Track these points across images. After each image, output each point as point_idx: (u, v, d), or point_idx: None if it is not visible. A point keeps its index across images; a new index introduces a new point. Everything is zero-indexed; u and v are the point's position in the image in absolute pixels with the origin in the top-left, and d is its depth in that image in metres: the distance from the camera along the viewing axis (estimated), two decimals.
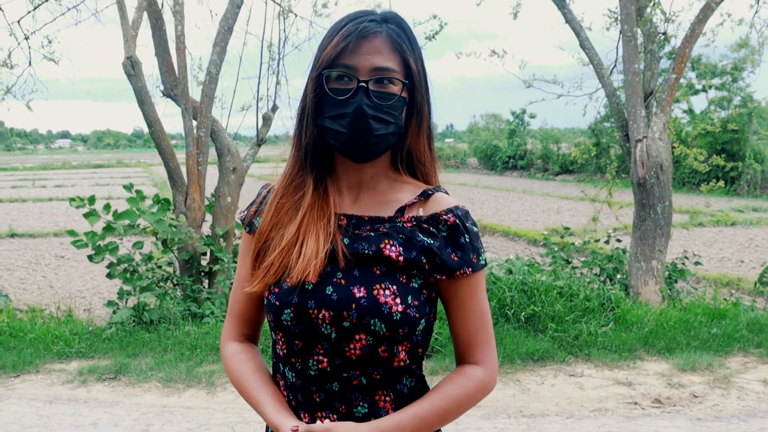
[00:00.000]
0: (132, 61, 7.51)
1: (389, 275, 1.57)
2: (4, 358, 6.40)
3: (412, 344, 1.61)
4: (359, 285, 1.56)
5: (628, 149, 8.24)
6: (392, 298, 1.55)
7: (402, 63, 1.60)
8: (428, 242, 1.58)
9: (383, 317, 1.53)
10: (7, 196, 27.15)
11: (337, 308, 1.56)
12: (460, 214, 1.62)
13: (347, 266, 1.59)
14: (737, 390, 5.71)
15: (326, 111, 1.60)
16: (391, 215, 1.64)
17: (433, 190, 1.69)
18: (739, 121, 25.46)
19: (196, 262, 7.85)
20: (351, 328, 1.55)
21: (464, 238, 1.61)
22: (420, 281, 1.59)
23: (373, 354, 1.57)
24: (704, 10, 8.09)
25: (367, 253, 1.59)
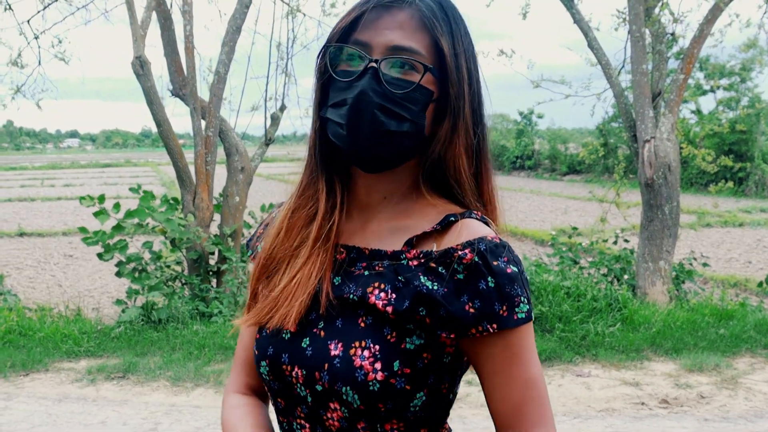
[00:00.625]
0: (141, 61, 7.54)
1: (374, 330, 1.20)
2: (14, 357, 6.44)
3: (406, 423, 1.23)
4: (337, 340, 1.21)
5: (635, 150, 8.23)
6: (370, 362, 1.17)
7: (432, 46, 1.22)
8: (428, 288, 1.17)
9: (356, 386, 1.17)
10: (16, 195, 27.25)
11: (309, 367, 1.23)
12: (484, 248, 1.17)
13: (331, 314, 1.25)
14: (744, 391, 5.70)
15: (330, 98, 1.25)
16: (396, 249, 1.25)
17: (459, 215, 1.24)
18: (747, 121, 25.39)
19: (204, 261, 7.88)
20: (324, 393, 1.21)
21: (485, 283, 1.15)
22: (421, 341, 1.19)
23: (352, 430, 1.23)
24: (713, 11, 8.08)
25: (352, 298, 1.23)
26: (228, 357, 6.44)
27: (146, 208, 7.51)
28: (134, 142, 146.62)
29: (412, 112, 1.21)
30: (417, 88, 1.20)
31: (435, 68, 1.22)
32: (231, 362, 6.23)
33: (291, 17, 8.99)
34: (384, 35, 1.20)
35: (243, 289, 7.70)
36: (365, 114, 1.18)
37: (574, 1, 8.62)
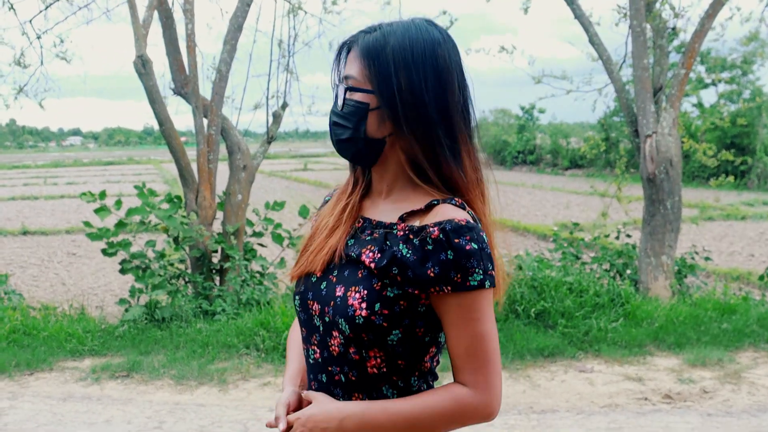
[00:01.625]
0: (143, 60, 7.55)
1: (366, 280, 1.57)
2: (18, 356, 6.46)
3: (386, 353, 1.59)
4: (342, 285, 1.60)
5: (637, 144, 8.24)
6: (359, 302, 1.55)
7: (365, 69, 1.60)
8: (402, 253, 1.53)
9: (347, 319, 1.56)
10: (20, 194, 27.32)
11: (322, 303, 1.63)
12: (449, 228, 1.50)
13: (342, 266, 1.64)
14: (748, 385, 5.72)
15: None
16: (392, 222, 1.62)
17: (440, 200, 1.59)
18: (748, 115, 25.36)
19: (207, 259, 7.90)
20: (329, 324, 1.61)
21: (447, 254, 1.49)
22: (398, 292, 1.54)
23: (346, 354, 1.61)
24: (713, 5, 8.07)
25: (353, 255, 1.61)
26: (231, 355, 6.47)
27: (147, 205, 7.53)
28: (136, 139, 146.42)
29: (351, 122, 1.62)
30: (353, 104, 1.61)
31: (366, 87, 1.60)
32: (234, 360, 6.26)
33: (292, 15, 8.99)
34: (345, 69, 1.65)
35: (246, 287, 7.71)
36: (330, 126, 1.69)
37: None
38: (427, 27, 1.62)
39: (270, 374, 6.07)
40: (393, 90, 1.57)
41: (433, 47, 1.59)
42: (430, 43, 1.59)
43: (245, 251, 8.15)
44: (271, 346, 6.53)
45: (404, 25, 1.61)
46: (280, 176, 37.16)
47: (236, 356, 6.45)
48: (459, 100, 1.61)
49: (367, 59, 1.59)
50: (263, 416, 5.20)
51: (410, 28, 1.61)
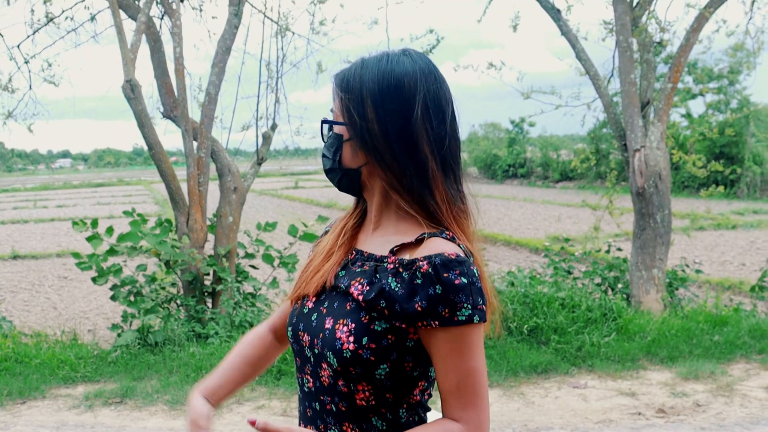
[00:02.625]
0: (132, 85, 7.56)
1: (354, 312, 1.56)
2: (10, 385, 6.43)
3: (374, 387, 1.58)
4: (330, 317, 1.60)
5: (626, 159, 8.28)
6: (346, 336, 1.54)
7: (341, 103, 1.66)
8: (390, 287, 1.53)
9: (335, 352, 1.55)
10: (9, 218, 27.21)
11: (312, 335, 1.64)
12: (438, 262, 1.49)
13: (332, 296, 1.65)
14: (740, 398, 5.73)
15: None
16: (383, 255, 1.62)
17: (430, 234, 1.58)
18: (736, 124, 25.50)
19: (199, 282, 7.88)
20: (318, 355, 1.62)
21: (435, 289, 1.48)
22: (386, 325, 1.53)
23: (335, 386, 1.61)
24: (698, 19, 8.14)
25: (342, 288, 1.63)
26: None
27: (138, 231, 7.52)
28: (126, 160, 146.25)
29: (331, 153, 1.68)
30: (331, 137, 1.69)
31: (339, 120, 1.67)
32: None
33: (280, 36, 9.02)
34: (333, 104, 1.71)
35: (239, 309, 7.70)
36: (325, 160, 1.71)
37: (561, 13, 8.67)
38: (399, 57, 1.63)
39: (264, 397, 6.05)
40: (360, 121, 1.60)
41: (401, 78, 1.59)
42: (398, 74, 1.60)
43: (237, 273, 8.14)
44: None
45: (378, 57, 1.65)
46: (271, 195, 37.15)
47: None
48: (429, 128, 1.59)
49: (341, 92, 1.65)
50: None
51: (383, 59, 1.64)
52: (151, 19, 8.26)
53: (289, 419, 5.55)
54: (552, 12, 8.70)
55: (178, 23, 8.04)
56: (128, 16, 8.36)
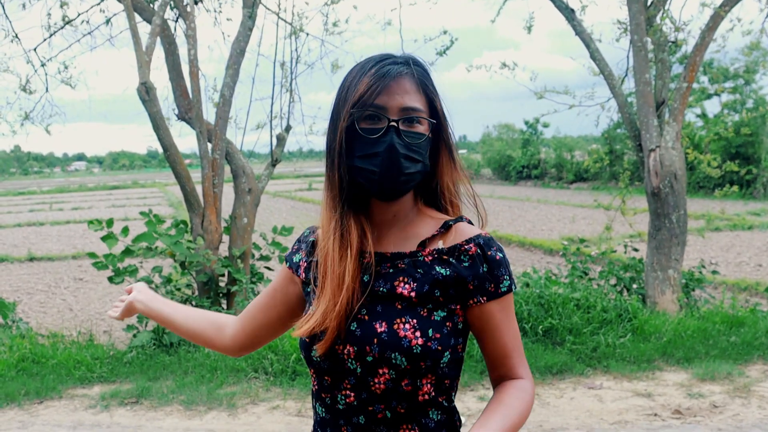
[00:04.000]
0: (147, 87, 7.59)
1: (409, 309, 1.60)
2: (28, 385, 6.47)
3: (437, 377, 1.63)
4: (381, 320, 1.60)
5: (641, 159, 8.25)
6: (412, 332, 1.57)
7: (428, 103, 1.65)
8: (442, 274, 1.61)
9: (403, 351, 1.56)
10: (25, 220, 27.37)
11: (360, 343, 1.61)
12: (482, 242, 1.64)
13: (370, 303, 1.64)
14: (758, 399, 5.69)
15: (357, 150, 1.62)
16: (412, 250, 1.67)
17: (454, 220, 1.71)
18: (752, 124, 25.33)
19: (214, 283, 7.91)
20: (374, 362, 1.59)
21: (483, 267, 1.62)
22: (443, 313, 1.62)
23: (397, 388, 1.61)
24: (714, 18, 8.10)
25: (382, 291, 1.63)
26: (240, 379, 6.47)
27: (154, 231, 7.55)
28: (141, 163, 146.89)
29: (422, 155, 1.64)
30: (425, 138, 1.63)
31: (433, 120, 1.65)
32: (243, 384, 6.26)
33: (294, 37, 9.05)
34: (396, 99, 1.59)
35: None
36: (395, 162, 1.59)
37: (575, 13, 8.65)
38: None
39: (279, 398, 6.06)
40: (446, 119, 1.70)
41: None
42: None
43: (252, 274, 8.16)
44: (280, 369, 6.53)
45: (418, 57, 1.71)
46: (285, 197, 37.22)
47: (245, 380, 6.45)
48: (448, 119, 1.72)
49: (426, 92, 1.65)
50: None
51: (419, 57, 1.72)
52: (166, 21, 8.30)
53: (303, 419, 5.56)
54: (566, 12, 8.68)
55: (193, 26, 8.07)
56: (143, 19, 8.41)
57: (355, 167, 1.63)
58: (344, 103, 1.62)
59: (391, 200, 1.68)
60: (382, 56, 1.65)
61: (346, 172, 1.65)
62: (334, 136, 1.65)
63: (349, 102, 1.60)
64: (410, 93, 1.61)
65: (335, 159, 1.66)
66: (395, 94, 1.59)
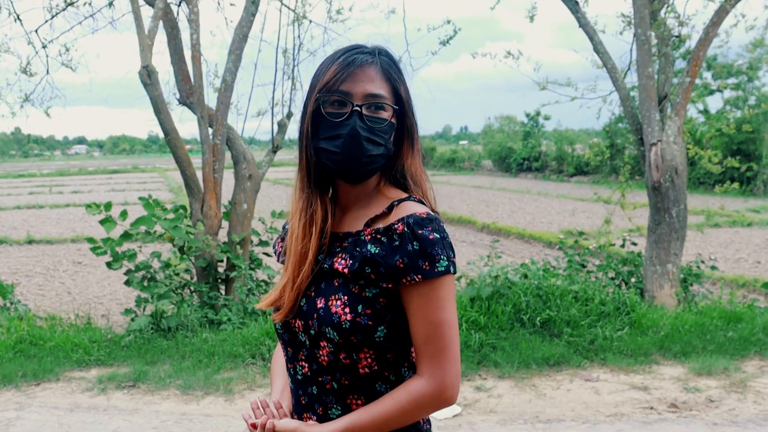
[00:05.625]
0: (148, 71, 7.57)
1: (343, 287, 1.69)
2: (25, 367, 6.48)
3: (376, 351, 1.70)
4: (321, 297, 1.70)
5: (642, 153, 8.24)
6: (341, 308, 1.66)
7: (392, 91, 1.74)
8: (372, 252, 1.65)
9: (334, 326, 1.65)
10: (25, 203, 27.38)
11: (305, 318, 1.72)
12: (412, 221, 1.64)
13: (317, 279, 1.74)
14: (754, 394, 5.70)
15: (321, 133, 1.71)
16: (359, 229, 1.75)
17: (400, 200, 1.74)
18: (754, 121, 25.29)
19: (213, 269, 7.91)
20: (315, 336, 1.70)
21: (413, 245, 1.62)
22: (376, 290, 1.67)
23: (337, 361, 1.70)
24: (718, 13, 8.07)
25: (325, 267, 1.73)
26: (237, 365, 6.47)
27: (153, 216, 7.54)
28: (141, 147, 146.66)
29: (385, 139, 1.73)
30: (387, 123, 1.72)
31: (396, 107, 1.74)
32: (240, 370, 6.27)
33: (297, 24, 9.02)
34: (360, 86, 1.69)
35: (252, 296, 7.72)
36: (356, 144, 1.67)
37: (579, 5, 8.62)
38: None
39: None
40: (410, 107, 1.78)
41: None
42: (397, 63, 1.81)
43: (251, 260, 8.16)
44: None
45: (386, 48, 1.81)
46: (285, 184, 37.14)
47: (242, 366, 6.45)
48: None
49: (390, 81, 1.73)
50: None
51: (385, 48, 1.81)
52: (169, 5, 8.27)
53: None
54: (570, 3, 8.65)
55: (196, 10, 8.05)
56: (146, 2, 8.39)
57: (319, 148, 1.72)
58: (312, 90, 1.72)
59: (356, 182, 1.76)
60: (352, 46, 1.75)
61: (313, 154, 1.74)
62: (303, 120, 1.75)
63: (317, 88, 1.71)
64: (375, 81, 1.70)
65: (303, 141, 1.76)
66: (360, 81, 1.68)
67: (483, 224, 18.71)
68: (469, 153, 51.66)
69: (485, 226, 18.40)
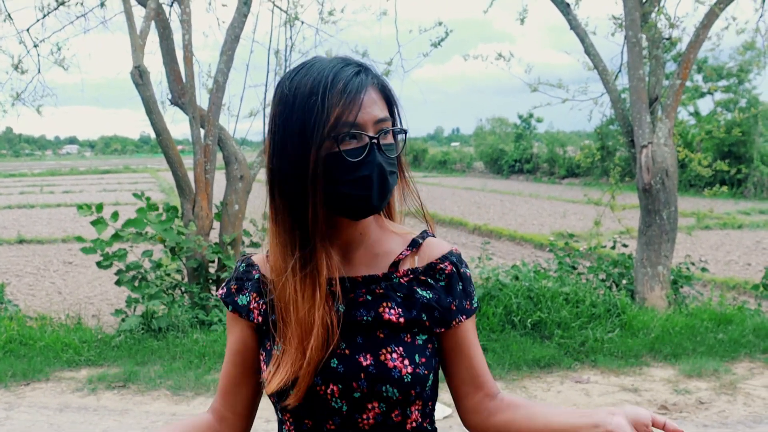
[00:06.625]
0: (140, 71, 7.56)
1: (393, 337, 1.48)
2: (15, 366, 6.46)
3: (423, 401, 1.52)
4: (365, 352, 1.47)
5: (633, 155, 8.27)
6: (400, 361, 1.46)
7: (389, 110, 1.48)
8: (426, 297, 1.51)
9: (394, 382, 1.45)
10: (16, 202, 27.27)
11: (345, 381, 1.46)
12: (455, 260, 1.56)
13: (348, 334, 1.48)
14: (743, 396, 5.73)
15: (339, 176, 1.40)
16: (385, 272, 1.54)
17: (421, 237, 1.59)
18: (745, 124, 25.39)
19: (204, 269, 7.90)
20: (362, 398, 1.46)
21: (459, 286, 1.55)
22: (425, 336, 1.52)
23: (386, 421, 1.49)
24: (708, 16, 8.11)
25: (366, 319, 1.49)
26: None
27: (144, 217, 7.53)
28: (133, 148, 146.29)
29: (396, 167, 1.49)
30: (394, 146, 1.48)
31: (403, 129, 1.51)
32: None
33: (289, 25, 9.02)
34: (368, 113, 1.41)
35: None
36: (383, 182, 1.42)
37: (570, 7, 8.65)
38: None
39: None
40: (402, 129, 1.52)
41: None
42: None
43: None
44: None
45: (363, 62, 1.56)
46: None
47: None
48: None
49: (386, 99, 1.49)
50: (259, 427, 5.18)
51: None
52: (161, 6, 8.26)
53: None
54: (561, 6, 8.67)
55: (188, 10, 8.05)
56: (138, 3, 8.37)
57: (342, 194, 1.42)
58: (315, 127, 1.37)
59: (364, 217, 1.49)
60: (337, 62, 1.44)
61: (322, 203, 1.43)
62: (304, 165, 1.40)
63: (324, 125, 1.37)
64: (377, 103, 1.44)
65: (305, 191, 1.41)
66: (366, 108, 1.41)
67: (474, 226, 18.73)
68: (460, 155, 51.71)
69: (476, 228, 18.42)
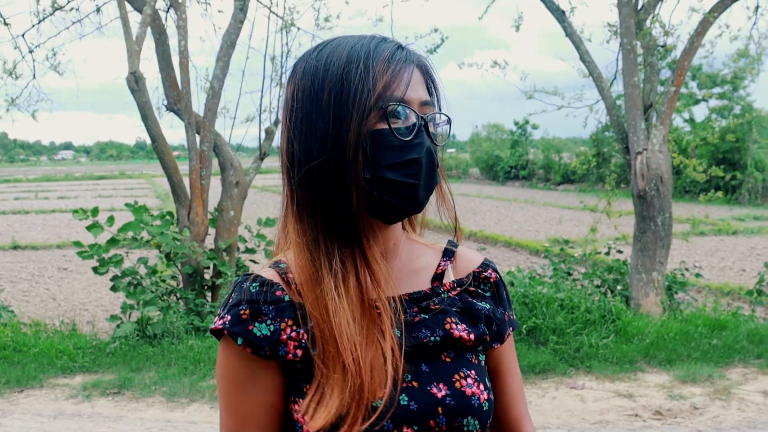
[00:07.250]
0: (136, 77, 7.56)
1: (462, 359, 1.26)
2: (9, 373, 6.44)
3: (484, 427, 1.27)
4: (436, 382, 1.21)
5: (628, 161, 8.29)
6: (477, 386, 1.24)
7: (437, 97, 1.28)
8: (486, 309, 1.32)
9: (475, 412, 1.22)
10: (10, 208, 27.21)
11: (420, 419, 1.18)
12: (494, 267, 1.41)
13: (410, 362, 1.21)
14: (737, 401, 5.74)
15: (384, 159, 1.16)
16: (430, 287, 1.31)
17: (452, 246, 1.41)
18: (739, 130, 25.47)
19: (199, 275, 7.89)
20: None
21: (503, 293, 1.38)
22: (484, 355, 1.33)
23: None
24: (702, 24, 8.15)
25: (434, 340, 1.23)
26: None
27: (140, 222, 7.53)
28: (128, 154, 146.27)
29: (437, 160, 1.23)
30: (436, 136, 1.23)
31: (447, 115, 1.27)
32: None
33: (285, 31, 9.03)
34: (415, 91, 1.19)
35: None
36: (431, 171, 1.19)
37: (565, 15, 8.68)
38: None
39: None
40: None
41: None
42: None
43: (237, 267, 8.15)
44: None
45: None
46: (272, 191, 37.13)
47: None
48: None
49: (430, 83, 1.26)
50: None
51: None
52: (157, 11, 8.27)
53: None
54: (557, 13, 8.70)
55: (184, 16, 8.05)
56: (134, 8, 8.38)
57: (385, 180, 1.16)
58: (358, 96, 1.14)
59: (399, 220, 1.25)
60: (370, 37, 1.22)
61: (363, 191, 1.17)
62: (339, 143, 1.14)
63: (370, 94, 1.14)
64: (421, 84, 1.22)
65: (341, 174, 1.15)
66: (414, 86, 1.19)
67: (470, 232, 18.72)
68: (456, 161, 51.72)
69: (472, 234, 18.42)
